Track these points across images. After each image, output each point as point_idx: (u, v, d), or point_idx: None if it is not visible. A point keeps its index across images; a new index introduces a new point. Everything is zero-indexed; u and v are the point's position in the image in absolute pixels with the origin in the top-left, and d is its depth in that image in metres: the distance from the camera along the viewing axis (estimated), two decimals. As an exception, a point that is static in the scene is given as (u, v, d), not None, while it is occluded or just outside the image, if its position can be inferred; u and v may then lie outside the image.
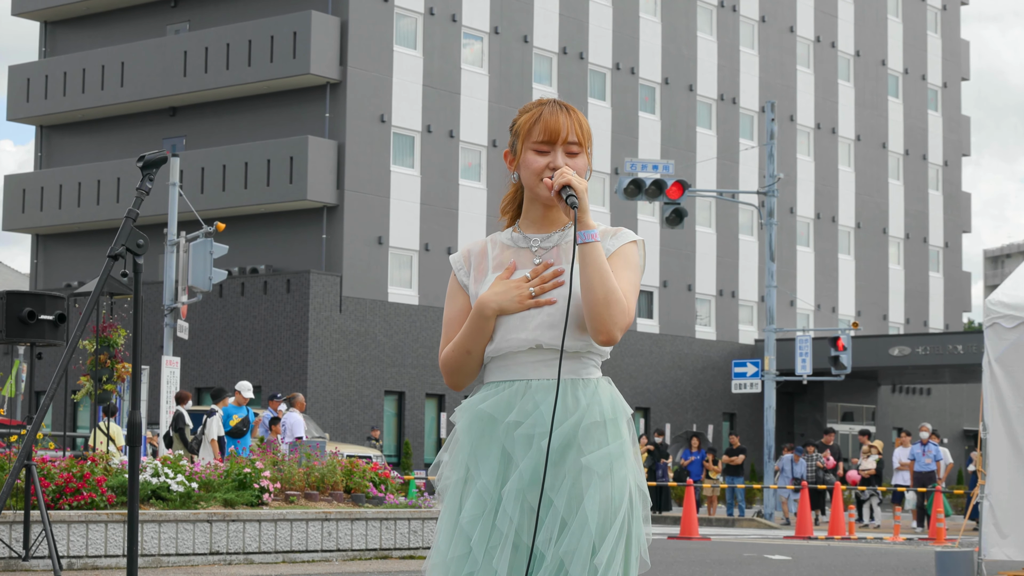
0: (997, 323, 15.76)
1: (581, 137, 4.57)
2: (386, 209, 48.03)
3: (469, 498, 4.47)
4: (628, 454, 4.49)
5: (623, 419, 4.52)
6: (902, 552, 23.53)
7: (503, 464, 4.48)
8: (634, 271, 4.55)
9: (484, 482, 4.47)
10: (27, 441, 6.44)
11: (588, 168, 4.62)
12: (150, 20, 52.51)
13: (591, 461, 4.41)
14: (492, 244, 4.68)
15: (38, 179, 53.53)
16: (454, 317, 4.63)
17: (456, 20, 50.41)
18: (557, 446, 4.42)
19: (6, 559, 14.07)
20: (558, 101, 4.61)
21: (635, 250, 4.58)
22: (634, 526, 4.48)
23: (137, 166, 6.48)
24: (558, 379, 4.39)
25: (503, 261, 4.60)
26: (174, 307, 29.52)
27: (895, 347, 54.13)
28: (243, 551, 15.74)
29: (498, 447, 4.49)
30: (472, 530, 4.44)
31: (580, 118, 4.60)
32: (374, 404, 47.28)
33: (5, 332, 14.74)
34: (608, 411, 4.48)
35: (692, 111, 58.01)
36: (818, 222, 62.74)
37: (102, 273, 6.21)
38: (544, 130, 4.53)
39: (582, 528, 4.38)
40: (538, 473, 4.39)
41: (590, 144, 4.63)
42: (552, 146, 4.54)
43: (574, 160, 4.54)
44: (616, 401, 4.53)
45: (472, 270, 4.65)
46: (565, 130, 4.54)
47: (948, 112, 69.83)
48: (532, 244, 4.61)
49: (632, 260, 4.55)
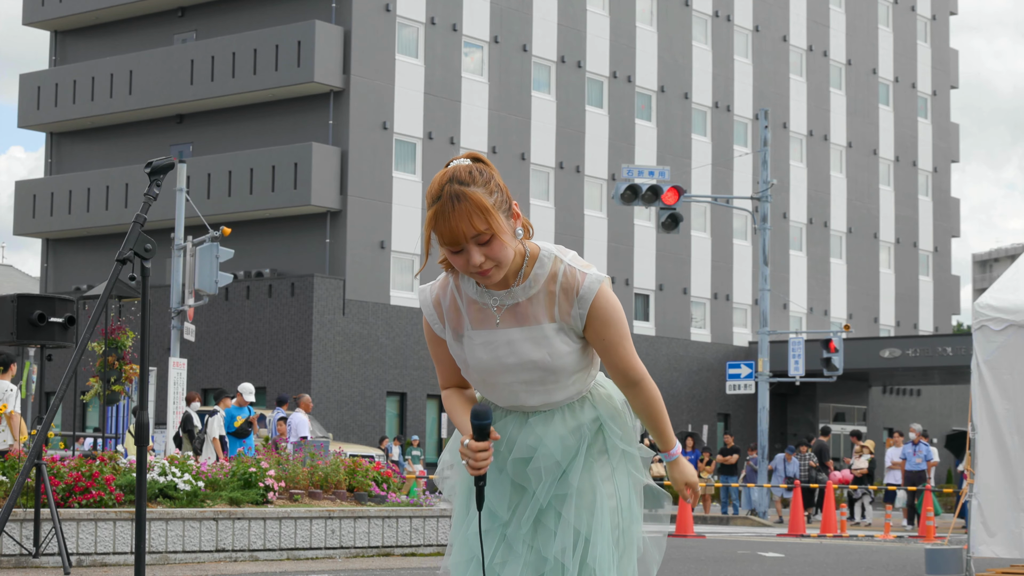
0: (985, 326, 15.59)
1: (486, 222, 4.24)
2: (388, 214, 48.17)
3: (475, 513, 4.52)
4: (630, 452, 4.57)
5: (618, 417, 4.56)
6: (892, 549, 23.37)
7: (514, 490, 4.55)
8: (616, 324, 4.42)
9: (493, 504, 4.53)
10: (37, 441, 6.32)
11: (514, 229, 4.35)
12: (158, 30, 52.51)
13: (594, 474, 4.50)
14: (461, 297, 4.47)
15: (48, 185, 53.46)
16: (441, 359, 4.58)
17: (457, 29, 50.57)
18: (564, 469, 4.50)
19: (17, 556, 14.01)
20: (452, 192, 4.25)
21: (607, 301, 4.40)
22: (635, 526, 4.54)
23: (145, 172, 6.44)
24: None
25: (477, 318, 4.44)
26: (181, 310, 29.28)
27: (886, 349, 53.90)
28: (248, 548, 15.64)
29: (506, 477, 4.54)
30: (476, 543, 4.51)
31: (477, 201, 4.23)
32: (376, 405, 47.34)
33: (16, 334, 14.77)
34: (611, 430, 4.54)
35: (687, 118, 58.14)
36: (810, 227, 62.90)
37: (111, 277, 6.27)
38: (444, 238, 4.27)
39: (598, 536, 4.45)
40: (550, 497, 4.49)
41: (497, 214, 4.27)
42: (460, 246, 4.29)
43: (489, 247, 4.27)
44: (608, 402, 4.57)
45: (447, 326, 4.51)
46: (461, 234, 4.23)
47: (937, 119, 69.89)
48: (493, 303, 4.43)
49: (610, 314, 4.40)
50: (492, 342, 4.41)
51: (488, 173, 4.33)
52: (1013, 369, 15.75)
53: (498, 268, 4.31)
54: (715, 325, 58.64)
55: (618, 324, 4.39)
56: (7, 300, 15.11)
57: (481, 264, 4.28)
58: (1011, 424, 15.62)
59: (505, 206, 4.32)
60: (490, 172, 4.34)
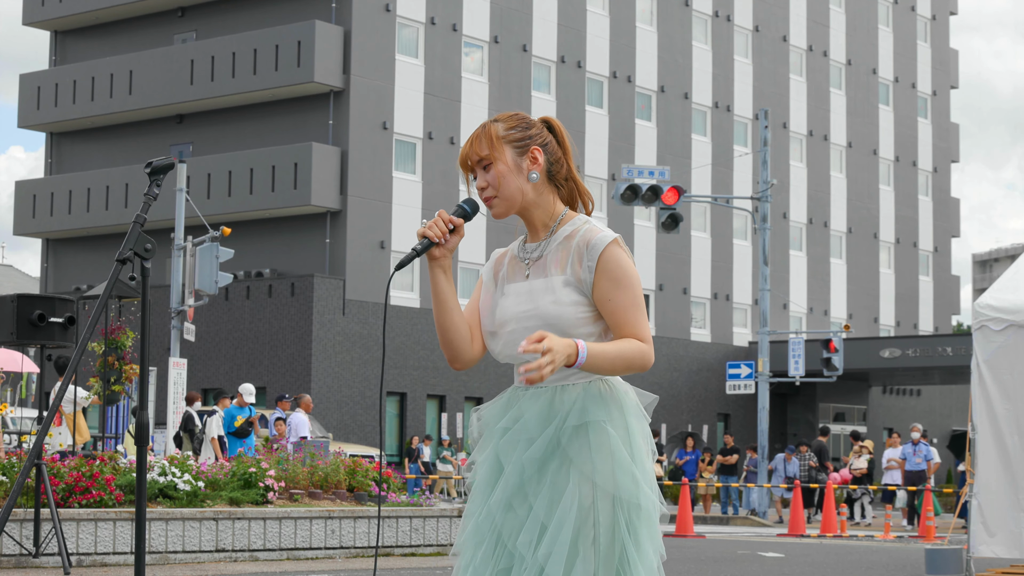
0: (985, 326, 15.64)
1: (488, 148, 4.54)
2: (388, 214, 48.20)
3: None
4: (617, 455, 4.39)
5: (612, 421, 4.43)
6: (892, 549, 23.39)
7: (495, 470, 4.52)
8: (627, 287, 4.43)
9: (478, 481, 4.56)
10: (37, 441, 6.33)
11: (516, 165, 4.56)
12: (158, 30, 52.58)
13: (573, 465, 4.39)
14: (509, 255, 4.70)
15: (48, 185, 53.52)
16: (472, 302, 4.75)
17: (457, 29, 50.62)
18: (540, 453, 4.41)
19: (17, 556, 14.04)
20: (481, 124, 4.64)
21: (617, 257, 4.46)
22: (617, 529, 4.38)
23: (145, 172, 6.41)
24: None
25: (512, 271, 4.63)
26: (181, 310, 29.31)
27: (886, 349, 53.93)
28: (248, 548, 15.69)
29: (493, 451, 4.53)
30: (487, 526, 4.53)
31: (488, 131, 4.56)
32: (376, 405, 47.30)
33: (16, 334, 14.87)
34: (592, 414, 4.41)
35: (687, 118, 58.19)
36: (810, 227, 62.97)
37: (111, 277, 6.20)
38: (459, 162, 4.63)
39: (558, 532, 4.34)
40: (522, 479, 4.42)
41: (503, 146, 4.55)
42: (469, 170, 4.61)
43: (490, 174, 4.54)
44: (603, 403, 4.45)
45: (495, 278, 4.71)
46: (467, 157, 4.58)
47: (937, 119, 69.95)
48: (525, 257, 4.62)
49: (621, 274, 4.44)
50: (517, 292, 4.57)
51: (528, 122, 4.63)
52: (1013, 369, 15.79)
53: (500, 200, 4.55)
54: (715, 325, 58.69)
55: (628, 287, 4.42)
56: (7, 300, 15.14)
57: (484, 190, 4.55)
58: (1011, 424, 15.64)
59: (521, 145, 4.57)
60: (531, 123, 4.64)
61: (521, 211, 4.59)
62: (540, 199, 4.58)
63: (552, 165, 4.60)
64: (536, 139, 4.60)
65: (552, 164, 4.61)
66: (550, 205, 4.61)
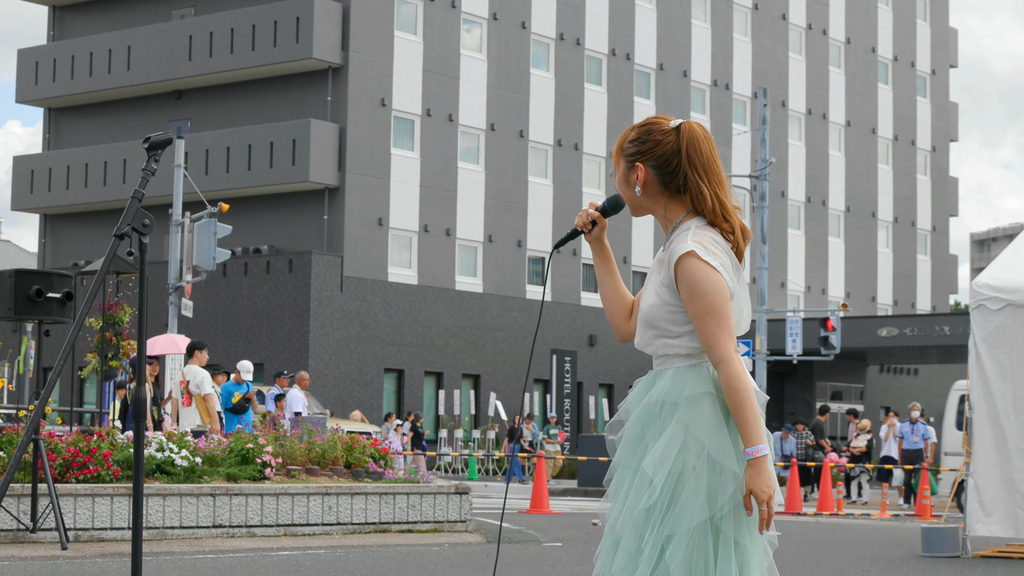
0: (983, 305, 15.83)
1: (614, 156, 4.88)
2: (386, 191, 48.23)
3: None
4: (678, 436, 4.57)
5: (679, 403, 4.60)
6: (889, 528, 23.33)
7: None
8: (699, 296, 4.57)
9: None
10: (35, 416, 6.29)
11: (625, 177, 4.81)
12: (156, 5, 52.48)
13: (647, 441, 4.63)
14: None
15: (46, 160, 53.54)
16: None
17: (456, 6, 50.55)
18: (631, 431, 4.69)
19: (14, 531, 14.08)
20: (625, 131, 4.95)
21: (689, 268, 4.59)
22: (673, 508, 4.55)
23: (143, 148, 6.43)
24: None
25: (652, 270, 4.86)
26: (179, 286, 29.52)
27: (883, 328, 53.77)
28: (245, 524, 15.69)
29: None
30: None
31: (619, 140, 4.89)
32: (374, 382, 47.52)
33: (14, 310, 14.89)
34: (667, 394, 4.61)
35: (686, 96, 58.18)
36: (809, 205, 63.01)
37: (108, 252, 6.22)
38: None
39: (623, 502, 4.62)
40: (624, 449, 4.71)
41: (619, 158, 4.84)
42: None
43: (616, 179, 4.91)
44: (675, 387, 4.63)
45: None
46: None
47: (936, 98, 69.92)
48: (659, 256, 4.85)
49: (693, 283, 4.58)
50: (646, 287, 4.82)
51: (649, 132, 4.78)
52: (1011, 348, 15.87)
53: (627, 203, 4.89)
54: (713, 303, 58.57)
55: (700, 297, 4.56)
56: (5, 275, 15.16)
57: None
58: (1008, 403, 15.74)
59: (631, 160, 4.79)
60: (651, 134, 4.77)
61: (647, 214, 4.88)
62: (655, 206, 4.81)
63: (665, 176, 4.74)
64: (647, 154, 4.77)
65: (665, 175, 4.74)
66: (665, 211, 4.80)
